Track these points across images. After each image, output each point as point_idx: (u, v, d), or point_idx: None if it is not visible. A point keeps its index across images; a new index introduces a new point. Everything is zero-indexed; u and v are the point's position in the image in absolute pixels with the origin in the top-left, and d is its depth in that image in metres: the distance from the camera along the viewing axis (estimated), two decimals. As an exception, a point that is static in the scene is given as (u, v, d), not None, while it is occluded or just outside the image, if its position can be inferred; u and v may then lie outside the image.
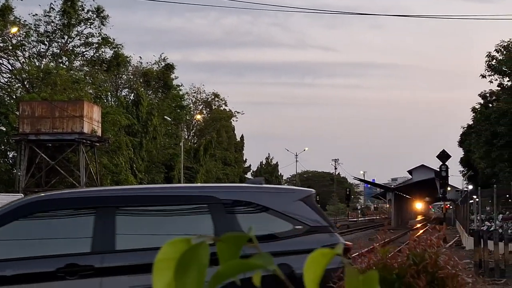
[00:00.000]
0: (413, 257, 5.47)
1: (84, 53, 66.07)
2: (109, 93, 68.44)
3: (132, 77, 72.72)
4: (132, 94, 70.63)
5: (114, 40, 65.74)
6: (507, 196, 32.76)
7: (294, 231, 8.12)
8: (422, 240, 5.81)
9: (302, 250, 7.79)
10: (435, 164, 53.08)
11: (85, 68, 65.13)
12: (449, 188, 59.77)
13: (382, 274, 5.36)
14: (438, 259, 5.49)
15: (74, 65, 64.74)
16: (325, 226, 8.43)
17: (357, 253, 8.19)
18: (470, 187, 71.06)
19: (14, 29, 54.80)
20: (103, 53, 66.36)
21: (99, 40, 65.00)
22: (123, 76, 71.57)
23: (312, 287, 0.99)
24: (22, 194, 39.50)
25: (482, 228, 39.22)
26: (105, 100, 66.51)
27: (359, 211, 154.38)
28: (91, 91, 60.22)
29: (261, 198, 8.31)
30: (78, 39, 64.87)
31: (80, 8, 62.92)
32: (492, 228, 36.26)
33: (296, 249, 7.84)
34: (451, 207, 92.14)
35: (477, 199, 42.37)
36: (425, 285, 5.11)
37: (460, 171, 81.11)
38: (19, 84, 59.47)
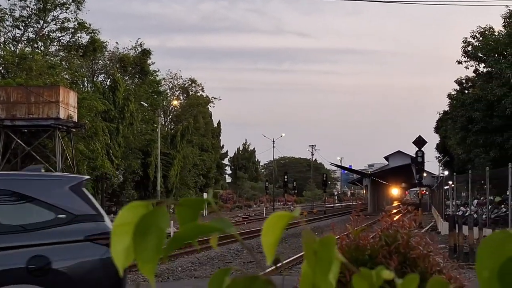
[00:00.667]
0: (385, 238, 5.52)
1: (60, 38, 65.60)
2: (85, 79, 67.95)
3: (108, 62, 72.27)
4: (109, 80, 70.18)
5: (90, 25, 65.38)
6: (482, 181, 32.99)
7: (56, 221, 7.90)
8: (394, 221, 5.86)
9: (62, 241, 7.70)
10: (412, 150, 53.38)
11: (61, 53, 64.63)
12: (425, 174, 60.16)
13: (355, 255, 5.40)
14: (410, 240, 5.54)
15: (50, 50, 64.27)
16: (92, 215, 8.24)
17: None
18: (446, 172, 71.58)
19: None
20: (79, 38, 65.99)
21: (75, 25, 64.58)
22: (100, 61, 71.10)
23: (270, 251, 0.99)
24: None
25: (457, 213, 39.56)
26: (81, 86, 66.05)
27: (336, 197, 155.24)
28: (67, 77, 59.78)
29: (21, 186, 8.10)
30: (54, 24, 64.41)
31: (56, -7, 62.44)
32: (467, 213, 36.59)
33: (55, 240, 7.72)
34: (427, 192, 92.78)
35: (452, 185, 42.70)
36: (397, 265, 5.15)
37: (436, 157, 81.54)
38: (-6, 70, 58.97)
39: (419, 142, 43.84)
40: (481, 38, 44.68)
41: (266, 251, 1.00)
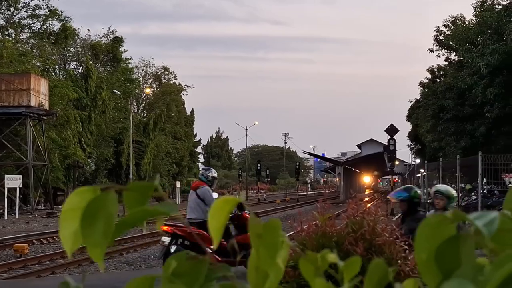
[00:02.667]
0: (352, 225, 5.56)
1: (31, 26, 65.06)
2: (57, 66, 67.46)
3: (80, 50, 71.79)
4: (81, 68, 69.76)
5: (62, 12, 64.89)
6: (453, 169, 33.23)
7: None
8: (361, 208, 5.90)
9: None
10: (384, 138, 53.63)
11: (32, 40, 64.07)
12: (397, 162, 60.52)
13: (321, 242, 5.43)
14: (376, 227, 5.59)
15: (20, 37, 63.67)
16: None
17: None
18: (418, 161, 72.12)
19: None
20: (50, 26, 65.48)
21: (46, 12, 64.09)
22: (71, 49, 70.60)
23: (217, 235, 1.01)
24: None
25: (428, 201, 39.86)
26: (53, 73, 65.57)
27: (309, 185, 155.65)
28: (38, 64, 59.28)
29: None
30: (25, 11, 63.88)
31: (27, -20, 61.88)
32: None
33: None
34: (399, 180, 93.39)
35: (424, 173, 42.99)
36: (362, 251, 5.20)
37: (408, 145, 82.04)
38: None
39: (391, 130, 44.03)
40: (452, 27, 44.94)
41: (212, 235, 1.01)
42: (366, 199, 55.04)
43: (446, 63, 50.00)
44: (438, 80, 51.93)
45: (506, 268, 0.71)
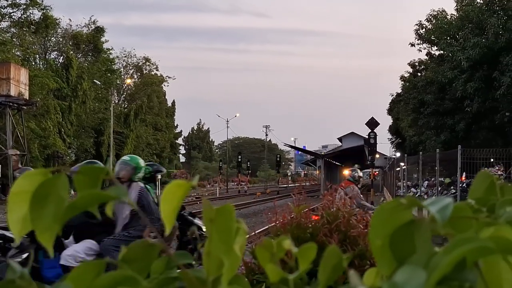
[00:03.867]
0: (327, 216, 5.55)
1: (11, 14, 64.52)
2: (37, 56, 67.08)
3: (61, 39, 71.46)
4: (61, 57, 69.43)
5: (42, 1, 64.43)
6: (433, 163, 33.37)
7: None
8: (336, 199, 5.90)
9: None
10: (365, 132, 53.71)
11: (12, 29, 63.60)
12: (377, 155, 60.67)
13: (296, 233, 5.42)
14: (351, 218, 5.58)
15: (0, 26, 63.19)
16: None
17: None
18: (398, 154, 72.34)
19: None
20: (31, 15, 65.00)
21: (27, 1, 63.56)
22: (52, 38, 70.23)
23: (169, 219, 0.98)
24: None
25: (408, 194, 40.08)
26: (33, 63, 65.21)
27: (290, 178, 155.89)
28: (18, 53, 58.96)
29: None
30: (5, 0, 63.35)
31: (7, -32, 61.41)
32: (417, 194, 37.07)
33: None
34: (379, 174, 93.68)
35: (404, 166, 43.16)
36: (337, 243, 5.19)
37: (388, 138, 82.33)
38: None
39: (372, 123, 44.09)
40: (434, 21, 45.09)
41: (165, 220, 0.98)
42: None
43: (427, 57, 50.20)
44: (419, 74, 52.13)
45: (453, 254, 0.78)
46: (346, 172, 17.81)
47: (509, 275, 0.84)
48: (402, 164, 45.66)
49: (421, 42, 47.24)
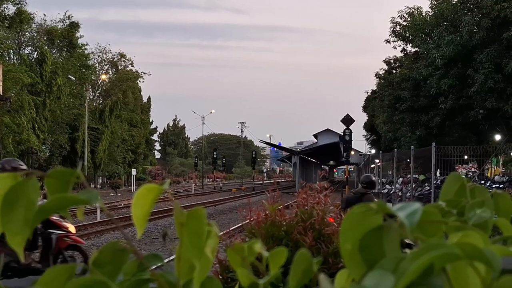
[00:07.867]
0: (301, 214, 5.56)
1: (-15, 9, 63.99)
2: (11, 51, 66.49)
3: (35, 35, 70.94)
4: (36, 53, 68.89)
5: (16, -5, 63.88)
6: (408, 160, 33.58)
7: None
8: (310, 198, 5.90)
9: None
10: (340, 128, 53.92)
11: (-15, 24, 63.10)
12: (352, 152, 60.94)
13: (271, 231, 5.42)
14: (325, 216, 5.60)
15: (-26, 21, 62.68)
16: None
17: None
18: (373, 151, 72.70)
19: None
20: (5, 9, 64.37)
21: (0, -5, 63.04)
22: (26, 33, 69.69)
23: (140, 224, 0.98)
24: None
25: (382, 191, 40.30)
26: (7, 58, 64.60)
27: (265, 174, 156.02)
28: (-9, 48, 58.47)
29: None
30: (-22, -6, 62.77)
31: (-20, -38, 60.78)
32: (392, 191, 37.28)
33: None
34: (354, 170, 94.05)
35: (379, 163, 43.39)
36: (311, 241, 5.20)
37: (364, 135, 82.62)
38: None
39: (347, 120, 44.23)
40: (409, 19, 45.31)
41: (136, 224, 0.99)
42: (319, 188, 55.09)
43: (402, 54, 50.49)
44: (394, 71, 52.40)
45: (421, 260, 0.79)
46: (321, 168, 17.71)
47: (476, 280, 0.85)
48: (377, 160, 45.93)
49: (396, 40, 47.50)
